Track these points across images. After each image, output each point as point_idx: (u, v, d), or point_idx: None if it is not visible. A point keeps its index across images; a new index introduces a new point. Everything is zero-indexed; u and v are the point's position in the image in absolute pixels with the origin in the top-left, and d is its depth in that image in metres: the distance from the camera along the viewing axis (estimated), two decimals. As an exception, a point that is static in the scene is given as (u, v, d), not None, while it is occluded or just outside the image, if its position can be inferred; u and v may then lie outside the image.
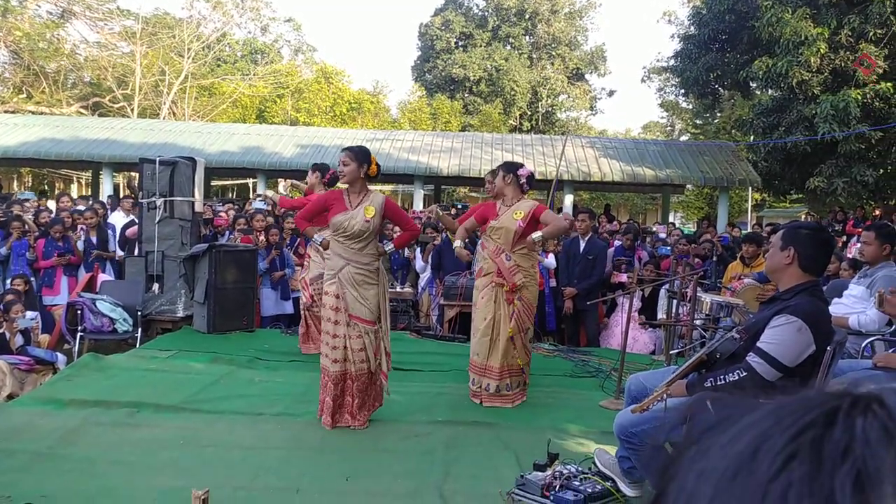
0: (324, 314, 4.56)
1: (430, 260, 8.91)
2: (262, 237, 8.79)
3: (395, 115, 36.80)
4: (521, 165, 5.34)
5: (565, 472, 3.37)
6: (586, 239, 7.91)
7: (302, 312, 6.94)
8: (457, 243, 5.40)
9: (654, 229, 12.78)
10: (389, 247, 4.96)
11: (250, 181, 26.06)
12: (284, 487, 3.55)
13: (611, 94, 39.58)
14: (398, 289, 8.74)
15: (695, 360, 2.99)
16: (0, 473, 3.51)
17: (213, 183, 23.12)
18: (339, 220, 4.47)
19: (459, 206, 16.49)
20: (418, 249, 9.41)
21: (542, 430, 4.54)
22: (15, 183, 28.21)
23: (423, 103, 34.16)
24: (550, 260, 8.28)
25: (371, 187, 4.75)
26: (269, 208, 10.60)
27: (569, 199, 17.55)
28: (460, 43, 37.28)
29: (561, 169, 13.29)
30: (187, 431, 4.33)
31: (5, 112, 23.06)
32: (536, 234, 4.96)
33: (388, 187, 28.22)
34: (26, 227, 8.59)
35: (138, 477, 3.56)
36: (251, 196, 21.51)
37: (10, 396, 6.43)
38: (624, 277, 8.00)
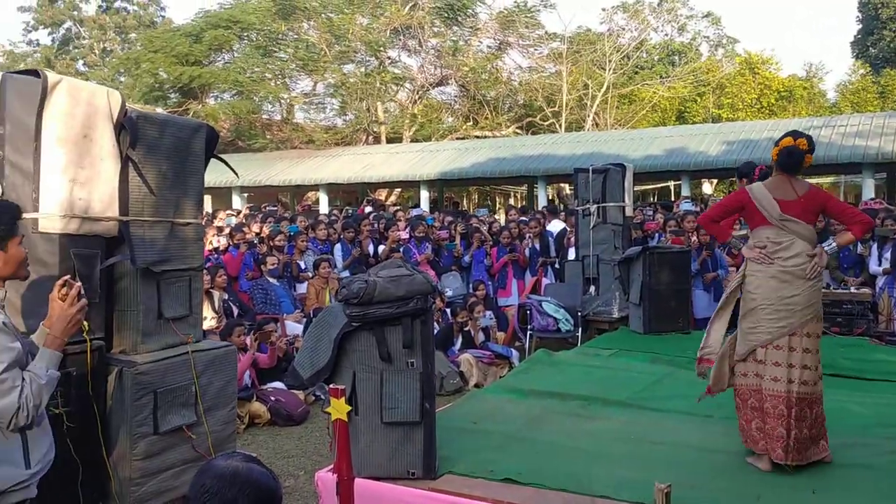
0: None
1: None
2: (693, 238, 8.66)
3: (833, 98, 33.13)
4: None
5: None
6: None
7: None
8: None
9: None
10: (832, 245, 4.29)
11: (671, 183, 25.90)
12: (742, 492, 3.45)
13: None
14: (852, 290, 7.84)
15: None
16: (482, 450, 4.04)
17: (634, 188, 23.55)
18: None
19: None
20: (873, 245, 8.34)
21: None
22: (465, 200, 32.35)
23: (867, 82, 30.13)
24: None
25: (808, 180, 4.22)
26: (698, 209, 10.42)
27: None
28: (913, 6, 31.99)
29: None
30: (637, 427, 4.47)
31: (457, 139, 26.61)
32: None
33: (827, 179, 25.53)
34: (483, 237, 9.79)
35: (597, 465, 3.79)
36: (673, 199, 21.35)
37: (477, 385, 7.39)
38: None
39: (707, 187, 25.71)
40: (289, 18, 26.28)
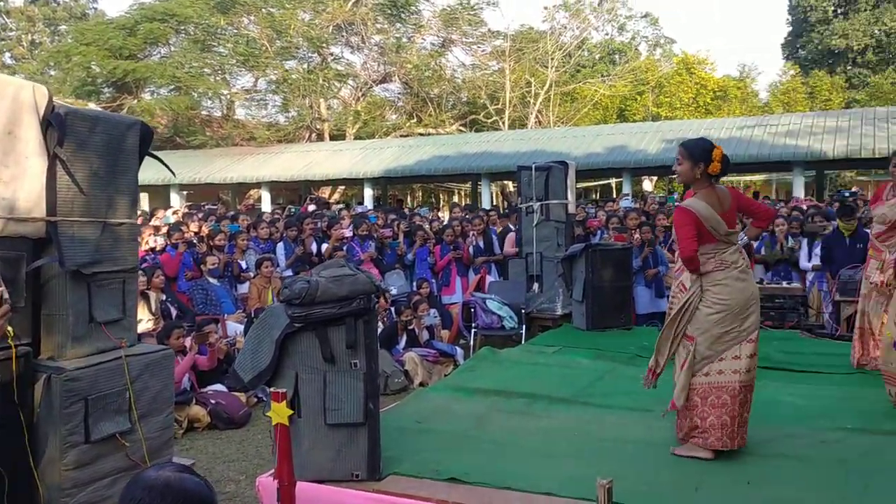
0: None
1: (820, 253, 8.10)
2: (635, 235, 8.81)
3: (765, 98, 34.22)
4: None
5: None
6: None
7: None
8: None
9: None
10: (743, 239, 4.51)
11: (613, 181, 26.32)
12: (682, 483, 3.51)
13: None
14: (783, 284, 8.09)
15: None
16: (427, 450, 4.01)
17: (577, 185, 23.85)
18: None
19: (847, 194, 14.61)
20: (804, 242, 8.61)
21: None
22: (409, 198, 32.26)
23: (796, 83, 31.21)
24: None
25: (743, 178, 4.30)
26: (638, 206, 10.58)
27: None
28: (839, 10, 33.25)
29: None
30: (580, 423, 4.50)
31: (401, 136, 26.52)
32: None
33: (759, 177, 26.32)
34: (426, 235, 9.75)
35: (541, 463, 3.80)
36: (615, 195, 21.70)
37: (422, 384, 7.36)
38: None
39: (647, 184, 26.20)
40: (228, 13, 25.76)
